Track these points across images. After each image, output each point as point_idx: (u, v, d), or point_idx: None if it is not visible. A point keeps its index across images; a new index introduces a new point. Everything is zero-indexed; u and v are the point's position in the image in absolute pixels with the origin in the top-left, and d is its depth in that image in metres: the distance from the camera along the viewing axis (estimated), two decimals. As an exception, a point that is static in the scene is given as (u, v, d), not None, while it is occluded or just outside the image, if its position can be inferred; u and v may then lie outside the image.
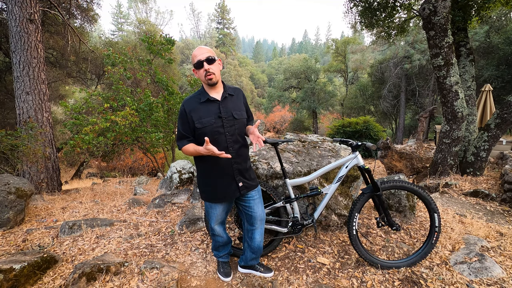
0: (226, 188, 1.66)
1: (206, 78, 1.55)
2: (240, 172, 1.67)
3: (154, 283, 1.82)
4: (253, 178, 1.77)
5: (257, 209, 1.77)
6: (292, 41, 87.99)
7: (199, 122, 1.57)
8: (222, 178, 1.65)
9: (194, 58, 1.55)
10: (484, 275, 1.87)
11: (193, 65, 1.57)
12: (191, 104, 1.61)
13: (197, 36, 51.71)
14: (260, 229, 1.82)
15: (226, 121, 1.60)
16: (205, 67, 1.52)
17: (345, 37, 22.89)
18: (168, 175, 4.23)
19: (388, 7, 5.69)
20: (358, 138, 10.49)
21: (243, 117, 1.68)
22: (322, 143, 2.99)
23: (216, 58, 1.56)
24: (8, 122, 9.38)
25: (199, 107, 1.60)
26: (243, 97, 1.76)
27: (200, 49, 1.55)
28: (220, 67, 1.63)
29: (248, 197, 1.75)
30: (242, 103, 1.72)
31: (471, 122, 4.87)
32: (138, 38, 15.47)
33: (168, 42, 6.37)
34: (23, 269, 1.80)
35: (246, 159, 1.74)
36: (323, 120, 24.84)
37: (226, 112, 1.61)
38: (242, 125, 1.68)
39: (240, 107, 1.69)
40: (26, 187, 3.12)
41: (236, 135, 1.63)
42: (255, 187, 1.77)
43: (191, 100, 1.63)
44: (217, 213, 1.77)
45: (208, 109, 1.59)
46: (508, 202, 3.40)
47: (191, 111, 1.59)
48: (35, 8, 4.79)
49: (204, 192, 1.74)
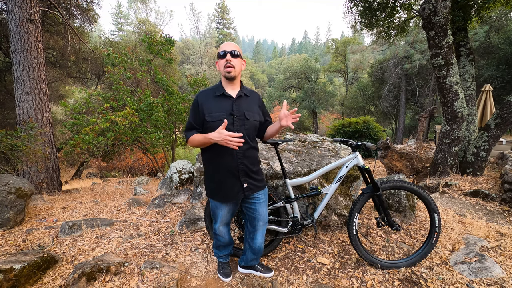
0: (230, 187, 1.64)
1: (225, 70, 1.54)
2: (246, 173, 1.65)
3: (154, 283, 1.82)
4: (259, 179, 1.73)
5: (262, 211, 1.75)
6: (292, 41, 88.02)
7: (210, 115, 1.55)
8: (227, 177, 1.63)
9: (220, 49, 1.56)
10: (484, 275, 1.87)
11: (217, 55, 1.59)
12: (205, 96, 1.61)
13: (197, 36, 51.68)
14: (262, 231, 1.82)
15: (237, 120, 1.58)
16: (227, 57, 1.53)
17: (345, 37, 22.90)
18: (168, 175, 4.23)
19: (388, 7, 5.69)
20: (358, 138, 10.49)
21: (255, 119, 1.65)
22: (322, 143, 2.99)
23: (241, 56, 1.59)
24: (8, 122, 9.39)
25: (213, 100, 1.59)
26: (258, 100, 1.75)
27: (228, 43, 1.58)
28: (243, 67, 1.63)
29: (254, 199, 1.73)
30: (256, 106, 1.70)
31: (471, 122, 4.87)
32: (138, 38, 15.48)
33: (168, 42, 6.37)
34: (23, 269, 1.80)
35: (254, 162, 1.70)
36: (323, 120, 24.84)
37: (239, 111, 1.59)
38: (253, 127, 1.65)
39: (254, 109, 1.67)
40: (26, 187, 3.12)
41: (245, 135, 1.59)
42: (261, 188, 1.74)
43: (205, 92, 1.63)
44: (223, 213, 1.74)
45: (221, 104, 1.58)
46: (508, 202, 3.40)
47: (204, 103, 1.58)
48: (35, 8, 4.79)
49: (209, 188, 1.72)
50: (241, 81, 1.69)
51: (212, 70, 36.22)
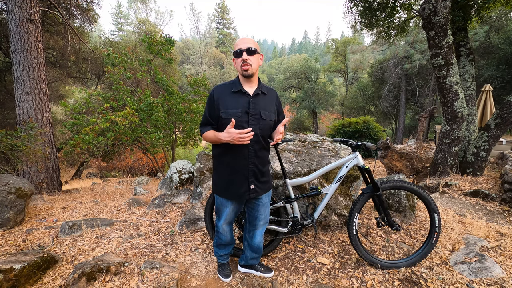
0: (237, 187, 1.62)
1: (242, 68, 1.50)
2: (255, 174, 1.62)
3: (154, 283, 1.82)
4: (266, 181, 1.71)
5: (264, 212, 1.75)
6: (292, 41, 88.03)
7: (225, 112, 1.52)
8: (235, 176, 1.60)
9: (236, 47, 1.51)
10: (484, 275, 1.87)
11: (233, 53, 1.54)
12: (221, 92, 1.56)
13: (197, 36, 51.68)
14: (261, 230, 1.82)
15: (252, 119, 1.54)
16: (243, 56, 1.48)
17: (345, 37, 22.89)
18: (168, 175, 4.23)
19: (388, 7, 5.69)
20: (358, 138, 10.49)
21: (270, 118, 1.61)
22: (322, 143, 2.98)
23: (257, 51, 1.53)
24: (8, 122, 9.39)
25: (229, 96, 1.55)
26: (276, 99, 1.70)
27: (243, 39, 1.52)
28: (261, 62, 1.58)
29: (257, 200, 1.72)
30: (273, 105, 1.66)
31: (471, 122, 4.87)
32: (138, 38, 15.47)
33: (168, 42, 6.37)
34: (23, 269, 1.80)
35: (265, 163, 1.68)
36: (323, 120, 24.84)
37: (255, 109, 1.55)
38: (268, 126, 1.61)
39: (270, 108, 1.63)
40: (26, 187, 3.12)
41: (258, 135, 1.57)
42: (267, 191, 1.73)
43: (222, 87, 1.59)
44: (228, 211, 1.73)
45: (237, 101, 1.54)
46: (508, 202, 3.40)
47: (220, 98, 1.54)
48: (35, 8, 4.79)
49: (216, 184, 1.69)
50: (258, 78, 1.64)
51: (212, 70, 36.23)
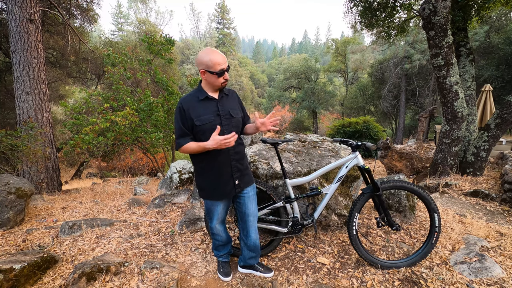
0: (224, 186, 1.69)
1: (222, 85, 1.61)
2: (238, 169, 1.72)
3: (154, 283, 1.82)
4: (248, 173, 1.81)
5: (251, 205, 1.79)
6: (292, 41, 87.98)
7: (198, 119, 1.58)
8: (221, 176, 1.67)
9: (217, 66, 1.51)
10: (484, 275, 1.87)
11: (215, 72, 1.52)
12: (189, 102, 1.62)
13: (197, 36, 51.70)
14: (253, 226, 1.83)
15: (224, 119, 1.64)
16: (225, 76, 1.58)
17: (345, 37, 22.88)
18: (168, 175, 4.23)
19: (388, 7, 5.69)
20: (358, 138, 10.48)
21: (238, 115, 1.74)
22: (322, 143, 2.99)
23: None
24: (8, 122, 9.39)
25: (198, 105, 1.62)
26: (237, 97, 1.84)
27: (219, 55, 1.53)
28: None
29: (243, 194, 1.78)
30: (237, 103, 1.79)
31: (471, 122, 4.87)
32: (138, 38, 15.48)
33: (168, 42, 6.37)
34: (23, 269, 1.80)
35: (243, 157, 1.79)
36: (323, 120, 24.82)
37: (224, 110, 1.66)
38: (238, 123, 1.75)
39: (236, 106, 1.76)
40: (26, 187, 3.12)
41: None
42: (250, 184, 1.80)
43: (188, 97, 1.64)
44: (219, 210, 1.78)
45: (207, 107, 1.62)
46: (508, 202, 3.40)
47: (189, 109, 1.60)
48: (35, 8, 4.79)
49: (203, 190, 1.75)
50: None
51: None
